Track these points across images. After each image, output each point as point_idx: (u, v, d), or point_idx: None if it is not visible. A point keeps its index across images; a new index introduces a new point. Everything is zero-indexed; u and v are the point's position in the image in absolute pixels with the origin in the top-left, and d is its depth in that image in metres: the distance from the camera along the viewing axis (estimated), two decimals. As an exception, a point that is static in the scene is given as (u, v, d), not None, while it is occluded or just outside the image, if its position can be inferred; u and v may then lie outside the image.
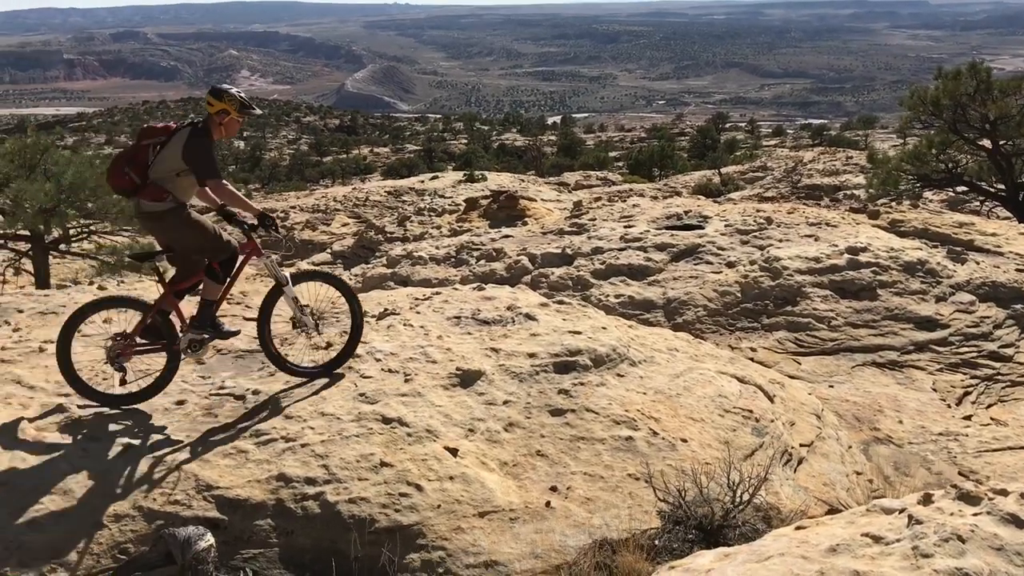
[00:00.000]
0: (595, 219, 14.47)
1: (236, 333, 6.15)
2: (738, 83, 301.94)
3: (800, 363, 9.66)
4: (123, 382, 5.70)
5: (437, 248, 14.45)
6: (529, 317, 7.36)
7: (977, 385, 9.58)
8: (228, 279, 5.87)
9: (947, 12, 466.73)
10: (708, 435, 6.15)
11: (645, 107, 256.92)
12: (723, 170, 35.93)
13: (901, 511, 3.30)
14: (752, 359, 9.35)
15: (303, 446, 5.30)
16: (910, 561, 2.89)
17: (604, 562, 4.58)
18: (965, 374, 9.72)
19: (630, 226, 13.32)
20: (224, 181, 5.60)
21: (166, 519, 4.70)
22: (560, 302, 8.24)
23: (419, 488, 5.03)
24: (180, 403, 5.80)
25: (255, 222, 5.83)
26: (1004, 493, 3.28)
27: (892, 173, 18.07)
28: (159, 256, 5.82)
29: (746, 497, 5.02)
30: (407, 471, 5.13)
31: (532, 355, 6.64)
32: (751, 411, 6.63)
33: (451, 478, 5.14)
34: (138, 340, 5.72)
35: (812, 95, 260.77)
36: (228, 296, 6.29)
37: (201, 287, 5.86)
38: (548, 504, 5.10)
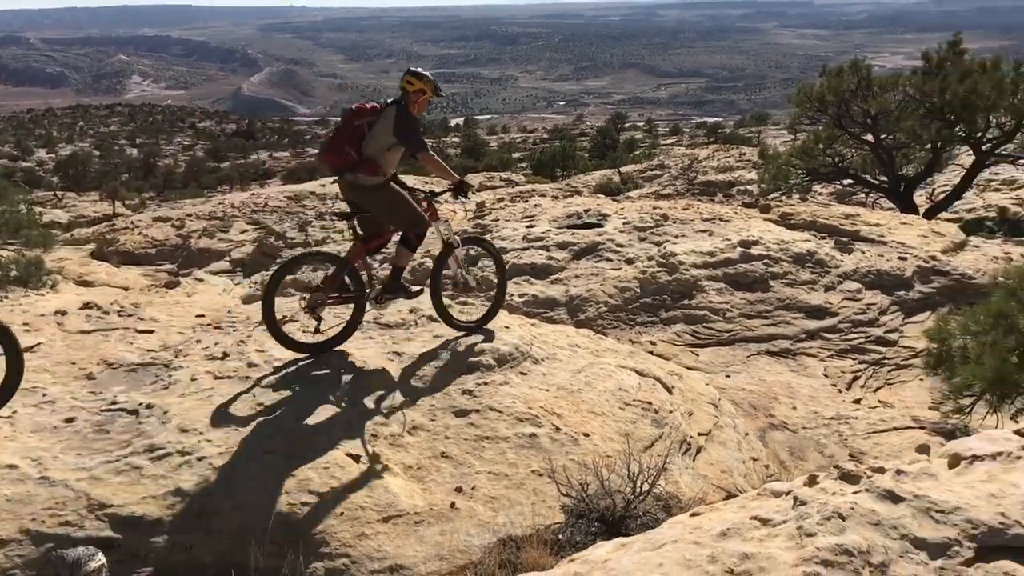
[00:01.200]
0: (498, 220, 14.53)
1: (420, 292, 6.80)
2: (635, 83, 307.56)
3: (698, 354, 9.91)
4: (317, 331, 6.39)
5: (339, 254, 14.25)
6: (432, 319, 7.35)
7: (865, 369, 10.00)
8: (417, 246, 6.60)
9: (831, 12, 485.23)
10: (609, 428, 6.25)
11: (546, 108, 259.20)
12: (623, 169, 36.55)
13: (788, 493, 3.43)
14: (652, 352, 9.56)
15: (200, 459, 5.17)
16: (795, 540, 3.01)
17: (509, 559, 4.62)
18: (854, 359, 10.13)
19: (532, 226, 13.43)
20: (431, 151, 6.41)
21: (56, 541, 4.53)
22: (463, 303, 8.25)
23: (321, 496, 4.97)
24: (69, 420, 5.59)
25: (435, 190, 6.76)
26: (881, 471, 3.45)
27: (782, 168, 18.69)
28: (354, 217, 6.52)
29: (646, 487, 5.13)
30: (309, 480, 5.07)
31: (435, 357, 6.64)
32: (650, 403, 6.78)
33: (354, 484, 5.09)
34: (331, 294, 6.37)
35: (707, 94, 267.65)
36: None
37: (396, 254, 6.65)
38: (453, 505, 5.11)
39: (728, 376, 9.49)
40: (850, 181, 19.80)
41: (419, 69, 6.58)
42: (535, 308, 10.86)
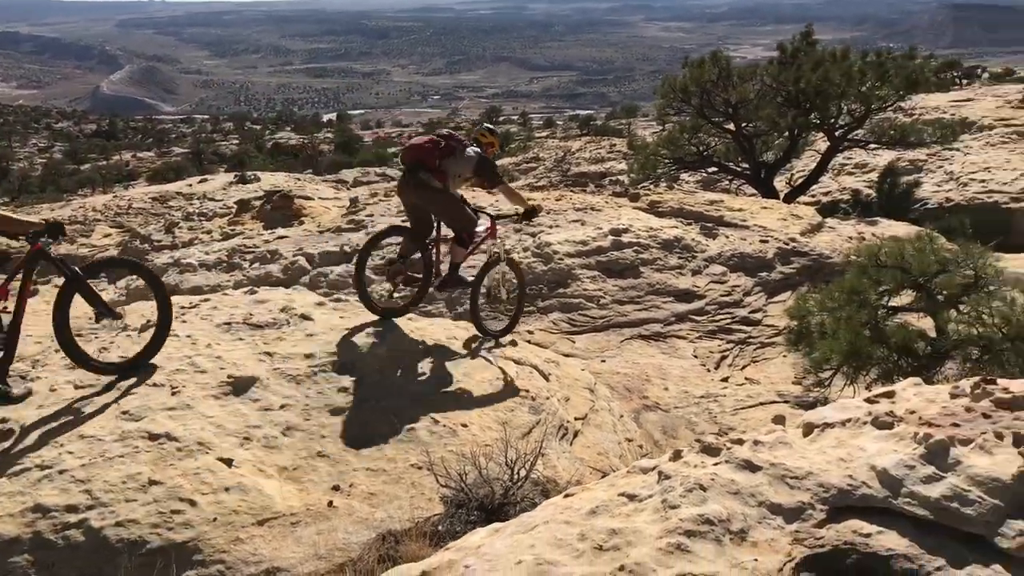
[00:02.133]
0: (373, 215, 14.40)
1: (471, 283, 7.71)
2: (508, 77, 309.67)
3: (574, 341, 10.10)
4: (391, 295, 7.70)
5: (207, 254, 13.84)
6: (305, 317, 7.23)
7: (732, 349, 10.41)
8: (472, 248, 7.71)
9: (695, 5, 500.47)
10: (488, 418, 6.30)
11: (420, 102, 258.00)
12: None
13: (654, 469, 3.54)
14: (530, 341, 9.67)
15: (61, 472, 4.94)
16: (660, 513, 3.12)
17: (389, 554, 4.60)
18: (721, 340, 10.53)
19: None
20: (504, 183, 7.77)
21: (-98, 569, 4.25)
22: (338, 300, 8.15)
23: (193, 503, 4.83)
24: (-87, 440, 5.25)
25: (496, 213, 8.06)
26: (740, 442, 3.61)
27: (650, 158, 19.22)
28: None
29: (523, 473, 5.19)
30: (179, 487, 4.91)
31: (309, 356, 6.54)
32: (528, 391, 6.86)
33: (227, 489, 4.97)
34: (405, 268, 7.46)
35: (578, 87, 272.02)
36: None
37: (451, 251, 7.57)
38: (331, 504, 5.05)
39: (603, 361, 9.71)
40: (714, 169, 20.51)
41: (491, 126, 7.88)
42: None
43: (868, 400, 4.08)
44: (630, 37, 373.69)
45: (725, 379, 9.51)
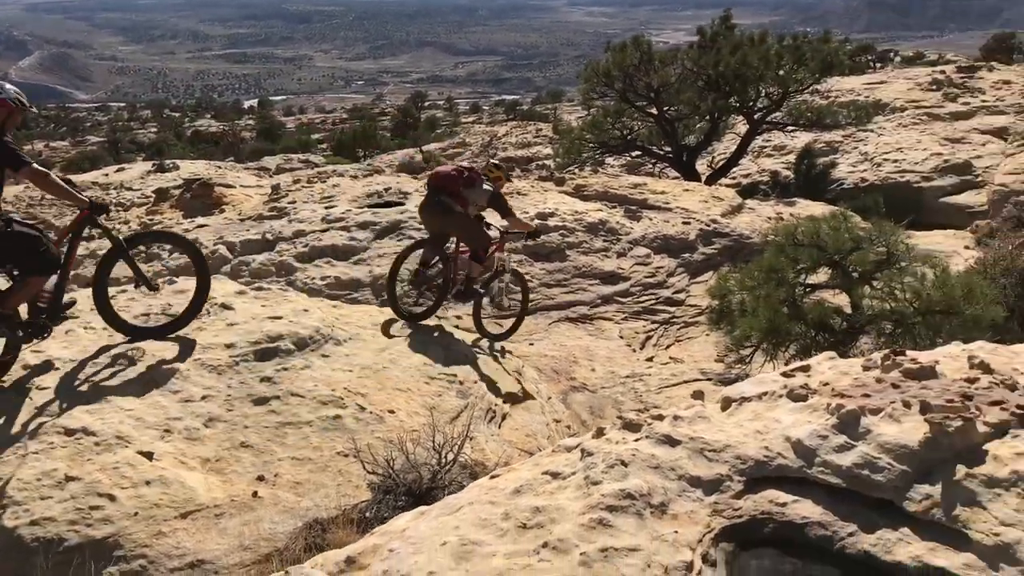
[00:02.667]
0: (295, 202, 14.18)
1: (484, 294, 8.59)
2: (433, 62, 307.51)
3: (502, 325, 10.11)
4: (416, 303, 8.21)
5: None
6: (225, 307, 7.09)
7: (657, 329, 10.57)
8: (485, 262, 8.44)
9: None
10: (415, 403, 6.29)
11: (344, 88, 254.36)
12: (425, 148, 36.53)
13: (577, 447, 3.58)
14: (458, 327, 9.66)
15: (-30, 472, 4.77)
16: (583, 490, 3.16)
17: (315, 542, 4.56)
18: (646, 320, 10.68)
19: (332, 206, 13.20)
20: (513, 213, 8.71)
21: None
22: (259, 288, 8.02)
23: (112, 498, 4.72)
24: None
25: (510, 230, 8.91)
26: (660, 418, 3.67)
27: (575, 142, 19.32)
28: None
29: (451, 457, 5.20)
30: (97, 482, 4.79)
31: (230, 345, 6.41)
32: (455, 375, 6.87)
33: (147, 483, 4.86)
34: (431, 277, 8.20)
35: (504, 72, 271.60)
36: None
37: (469, 267, 8.32)
38: (255, 494, 4.98)
39: (531, 344, 9.76)
40: (638, 152, 20.72)
41: (497, 163, 9.04)
42: (339, 291, 10.72)
43: (784, 374, 4.20)
44: (554, 22, 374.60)
45: (650, 359, 9.65)
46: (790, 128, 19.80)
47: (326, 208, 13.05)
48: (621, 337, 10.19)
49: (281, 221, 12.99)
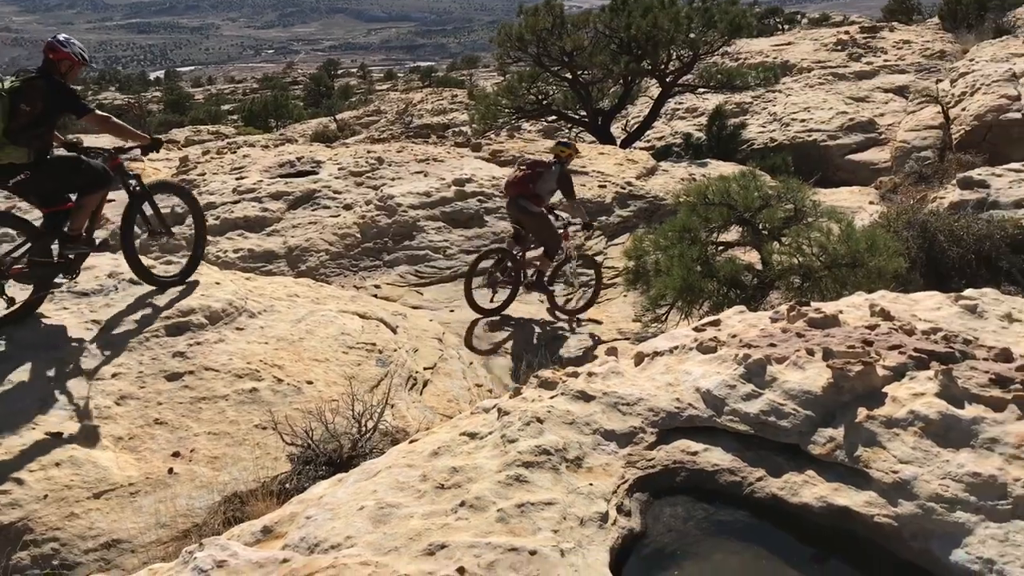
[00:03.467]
0: (204, 174, 13.80)
1: (554, 283, 9.79)
2: (345, 29, 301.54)
3: (422, 293, 10.08)
4: (492, 300, 9.29)
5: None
6: (134, 282, 6.89)
7: (576, 291, 10.65)
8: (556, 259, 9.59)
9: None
10: (334, 373, 6.24)
11: (254, 57, 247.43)
12: (339, 116, 35.90)
13: (494, 407, 3.60)
14: (376, 296, 9.60)
15: None
16: (500, 448, 3.18)
17: (235, 516, 4.51)
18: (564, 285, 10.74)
19: (242, 177, 12.89)
20: (575, 196, 9.78)
21: None
22: (168, 263, 7.81)
23: (20, 482, 4.58)
24: None
25: (577, 221, 9.88)
26: (575, 375, 3.72)
27: (491, 108, 19.21)
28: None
29: (371, 425, 5.19)
30: (3, 465, 4.63)
31: (140, 321, 6.26)
32: (375, 344, 6.83)
33: (57, 464, 4.73)
34: (500, 276, 9.32)
35: (418, 38, 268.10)
36: None
37: (540, 261, 9.43)
38: (171, 471, 4.90)
39: (452, 311, 9.74)
40: (554, 117, 20.73)
41: (565, 140, 10.26)
42: (252, 263, 10.51)
43: (696, 329, 4.29)
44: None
45: (570, 321, 9.74)
46: (701, 90, 20.03)
47: (237, 179, 12.75)
48: (541, 301, 10.24)
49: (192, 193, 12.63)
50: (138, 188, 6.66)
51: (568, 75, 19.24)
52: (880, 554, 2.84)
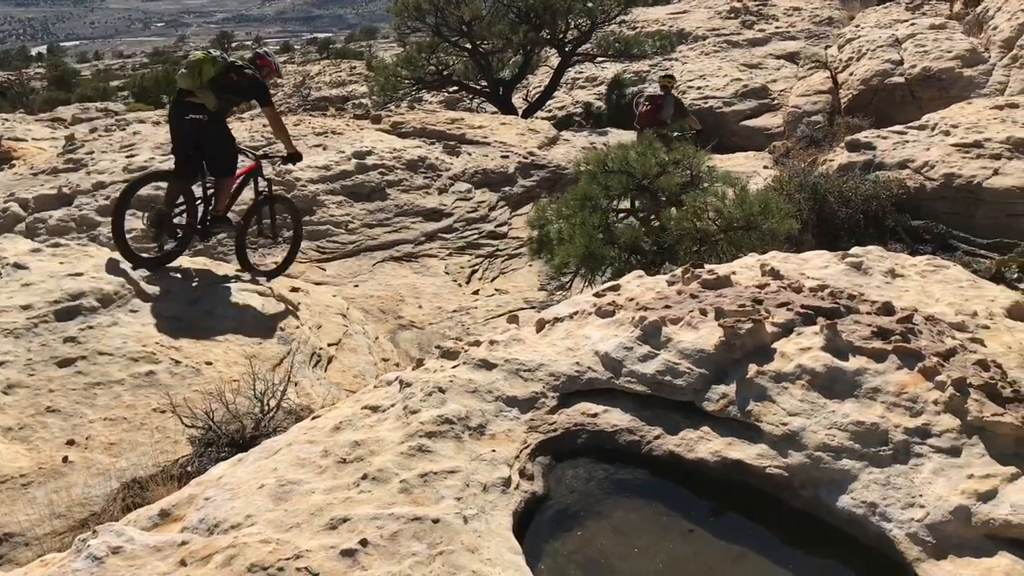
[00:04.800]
0: (93, 152, 13.25)
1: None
2: (239, 0, 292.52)
3: (325, 269, 9.94)
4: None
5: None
6: (19, 266, 6.60)
7: (482, 263, 10.67)
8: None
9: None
10: (234, 353, 6.11)
11: (143, 31, 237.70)
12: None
13: (397, 379, 3.59)
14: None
15: None
16: (402, 420, 3.18)
17: (135, 502, 4.39)
18: (471, 255, 10.75)
19: (134, 155, 12.43)
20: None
21: None
22: (57, 245, 7.50)
23: (-100, 478, 4.36)
24: None
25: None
26: (478, 344, 3.74)
27: (390, 79, 18.97)
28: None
29: (274, 403, 5.11)
30: None
31: (27, 307, 6.00)
32: (275, 321, 6.71)
33: (-60, 459, 4.52)
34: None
35: (314, 9, 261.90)
36: None
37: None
38: (66, 459, 4.74)
39: (357, 286, 9.64)
40: (455, 88, 20.60)
41: (669, 73, 13.48)
42: (147, 243, 10.17)
43: (596, 295, 4.35)
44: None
45: (476, 292, 9.76)
46: (600, 59, 20.19)
47: (128, 157, 12.28)
48: (447, 273, 10.23)
49: (79, 174, 12.12)
50: (266, 192, 7.96)
51: (468, 45, 19.13)
52: (773, 504, 2.95)
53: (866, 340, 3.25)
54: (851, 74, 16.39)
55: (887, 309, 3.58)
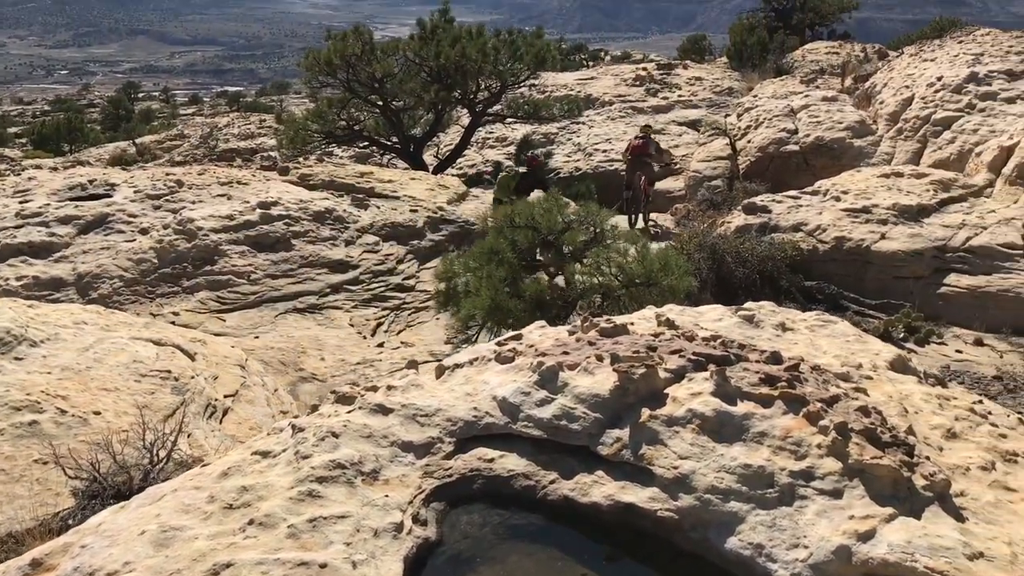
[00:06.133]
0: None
1: None
2: (147, 51, 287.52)
3: (225, 319, 9.74)
4: None
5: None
6: None
7: (388, 315, 10.61)
8: None
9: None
10: (124, 403, 5.89)
11: (46, 77, 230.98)
12: (139, 140, 34.17)
13: (289, 425, 3.52)
14: (175, 323, 9.17)
15: None
16: (293, 465, 3.11)
17: (9, 557, 4.15)
18: (377, 307, 10.69)
19: (27, 200, 12.01)
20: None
21: None
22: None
23: None
24: None
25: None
26: (375, 389, 3.70)
27: (300, 132, 18.86)
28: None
29: (164, 454, 4.93)
30: None
31: (-100, 353, 5.69)
32: (170, 371, 6.51)
33: None
34: None
35: (225, 62, 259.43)
36: None
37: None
38: (-65, 513, 4.45)
39: (257, 337, 9.46)
40: (366, 143, 20.62)
41: (648, 124, 16.95)
42: (37, 291, 9.81)
43: (498, 343, 4.37)
44: (277, 12, 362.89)
45: (381, 345, 9.68)
46: (510, 120, 20.53)
47: (21, 203, 11.86)
48: (351, 325, 10.13)
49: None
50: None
51: (379, 102, 19.22)
52: (665, 547, 2.98)
53: (754, 386, 3.34)
54: (749, 141, 17.07)
55: (775, 358, 3.69)
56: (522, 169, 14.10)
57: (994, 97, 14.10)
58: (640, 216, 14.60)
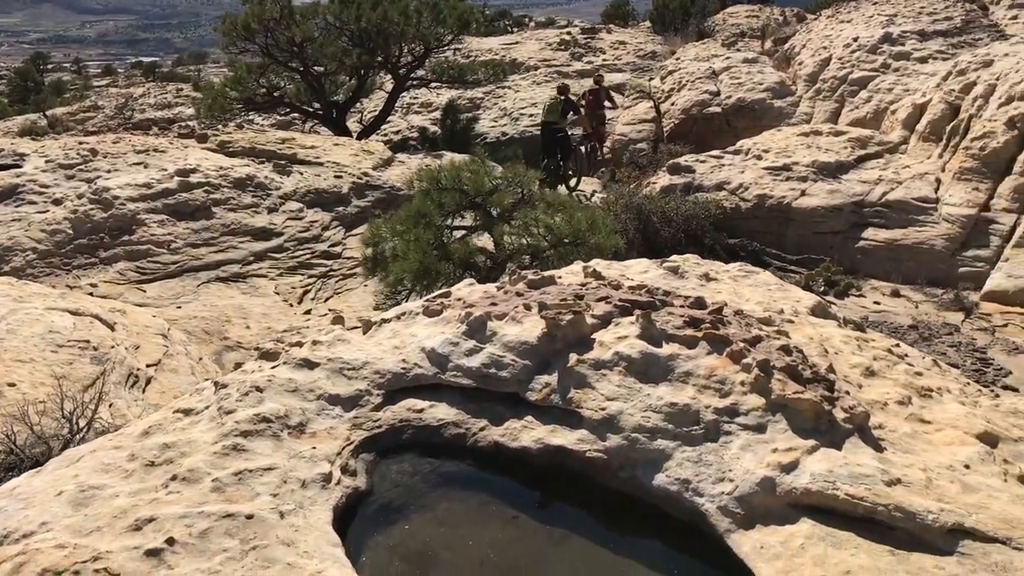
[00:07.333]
0: None
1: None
2: (55, 20, 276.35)
3: (145, 290, 9.49)
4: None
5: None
6: None
7: (315, 283, 10.46)
8: None
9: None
10: (41, 374, 5.71)
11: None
12: (50, 112, 32.89)
13: (211, 382, 3.44)
14: (93, 295, 8.90)
15: None
16: (216, 421, 3.05)
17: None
18: (303, 275, 10.52)
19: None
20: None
21: None
22: None
23: None
24: None
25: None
26: (300, 345, 3.64)
27: (218, 99, 18.35)
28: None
29: (84, 423, 4.80)
30: None
31: None
32: (88, 341, 6.34)
33: None
34: None
35: (139, 32, 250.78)
36: None
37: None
38: None
39: (179, 307, 9.24)
40: (287, 110, 20.19)
41: (600, 74, 18.17)
42: (-57, 266, 9.39)
43: (426, 300, 4.33)
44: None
45: (308, 312, 9.55)
46: (434, 85, 20.30)
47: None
48: (277, 293, 9.96)
49: None
50: None
51: (300, 67, 18.80)
52: (595, 487, 3.01)
53: (679, 328, 3.39)
54: (673, 104, 17.22)
55: (700, 303, 3.74)
56: (561, 97, 14.77)
57: (907, 57, 14.46)
58: (579, 175, 15.22)
